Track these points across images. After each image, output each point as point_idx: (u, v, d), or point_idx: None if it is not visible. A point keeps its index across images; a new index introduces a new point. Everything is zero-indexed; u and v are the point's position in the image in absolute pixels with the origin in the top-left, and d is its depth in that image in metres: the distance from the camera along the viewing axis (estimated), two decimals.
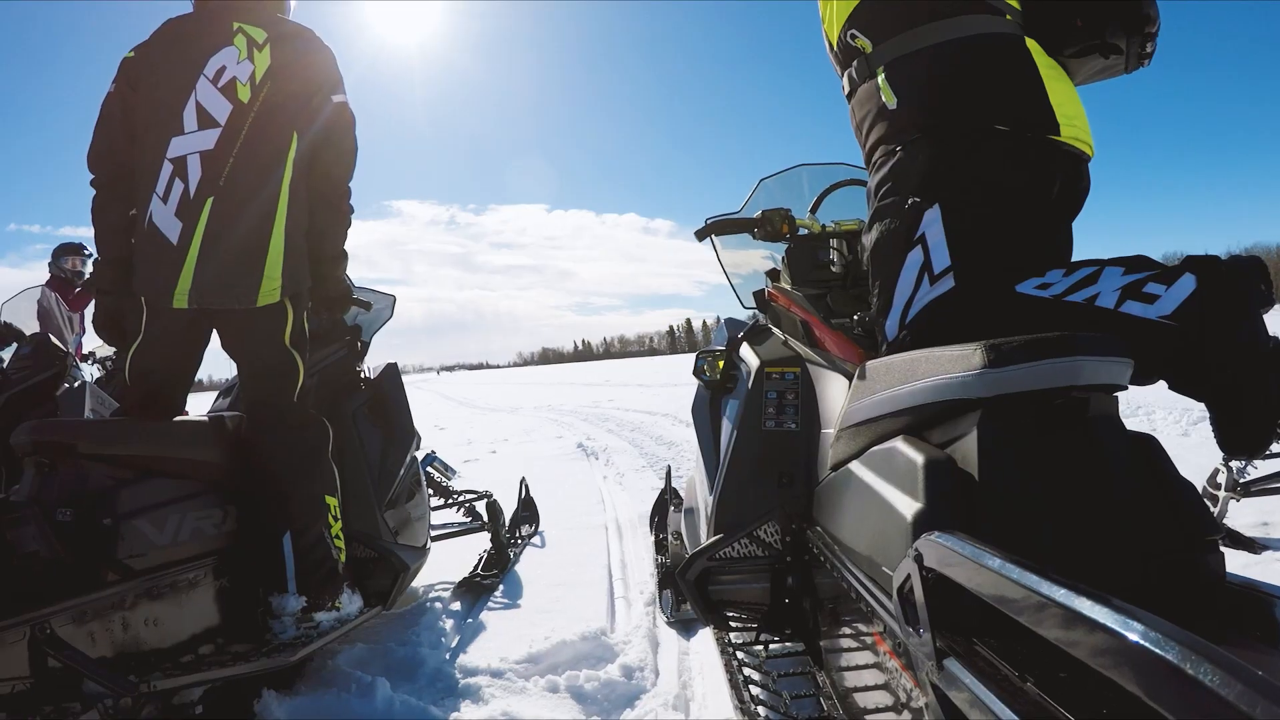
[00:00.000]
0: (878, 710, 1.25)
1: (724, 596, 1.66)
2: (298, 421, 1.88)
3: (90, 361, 5.96)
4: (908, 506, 0.91)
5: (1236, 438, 1.06)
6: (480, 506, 3.06)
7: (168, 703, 1.46)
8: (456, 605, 2.51)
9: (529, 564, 3.00)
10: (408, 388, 2.53)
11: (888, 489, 1.00)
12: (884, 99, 1.26)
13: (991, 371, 0.88)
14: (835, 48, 1.40)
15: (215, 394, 2.36)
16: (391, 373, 2.47)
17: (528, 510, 3.49)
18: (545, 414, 11.22)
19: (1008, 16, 1.25)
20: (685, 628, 2.19)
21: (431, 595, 2.64)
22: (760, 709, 1.48)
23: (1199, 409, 5.84)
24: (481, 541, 3.03)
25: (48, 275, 5.72)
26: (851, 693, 1.35)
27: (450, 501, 3.08)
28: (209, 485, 1.73)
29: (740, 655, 1.69)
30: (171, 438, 1.73)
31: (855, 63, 1.34)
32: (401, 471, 2.34)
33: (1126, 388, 0.91)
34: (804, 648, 1.60)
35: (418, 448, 2.53)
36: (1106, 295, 1.10)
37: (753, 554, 1.61)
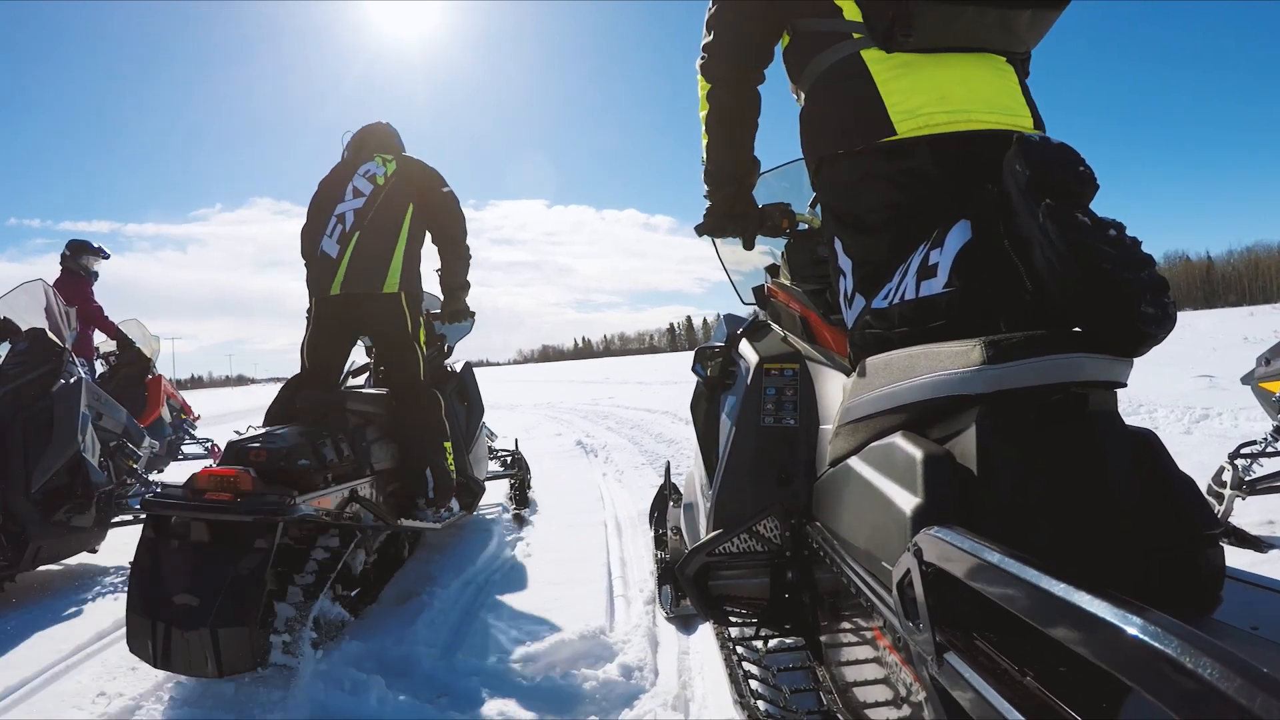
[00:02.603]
0: (877, 704, 1.25)
1: (723, 592, 1.66)
2: (424, 394, 2.95)
3: (96, 356, 6.00)
4: (907, 502, 0.91)
5: (1111, 329, 0.86)
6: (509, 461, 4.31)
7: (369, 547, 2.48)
8: (455, 602, 2.51)
9: (527, 561, 3.00)
10: None
11: (887, 484, 1.00)
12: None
13: (991, 367, 0.88)
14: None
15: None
16: (468, 368, 3.69)
17: (524, 471, 4.47)
18: (544, 411, 11.17)
19: (854, 35, 1.24)
20: (684, 624, 2.19)
21: (434, 585, 2.64)
22: (760, 703, 1.48)
23: (1200, 407, 5.66)
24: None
25: (59, 270, 5.72)
26: (851, 687, 1.35)
27: (491, 455, 4.23)
28: (389, 431, 2.86)
29: (740, 650, 1.70)
30: (374, 402, 2.85)
31: None
32: (477, 432, 3.61)
33: (1126, 385, 0.91)
34: (804, 643, 1.60)
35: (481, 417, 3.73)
36: (910, 284, 1.08)
37: (752, 549, 1.61)
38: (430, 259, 3.14)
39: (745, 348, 1.80)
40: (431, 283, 3.23)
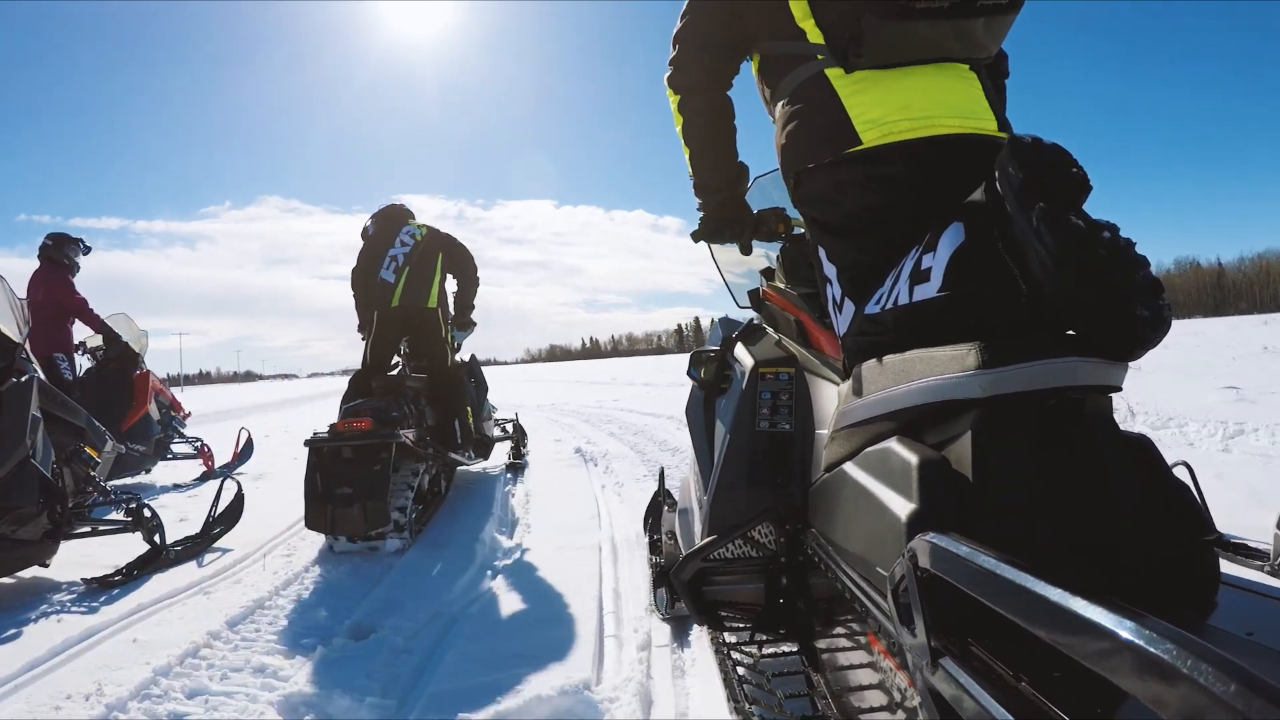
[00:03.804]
0: (871, 710, 1.25)
1: (718, 597, 1.66)
2: (451, 373, 4.60)
3: (81, 352, 5.94)
4: (902, 507, 0.91)
5: (1110, 332, 0.85)
6: (509, 428, 6.00)
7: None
8: (418, 640, 2.27)
9: (508, 591, 2.71)
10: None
11: (882, 489, 1.00)
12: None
13: (986, 372, 0.87)
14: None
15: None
16: (474, 358, 5.40)
17: (520, 435, 6.11)
18: (546, 414, 10.88)
19: (818, 56, 1.30)
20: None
21: (399, 616, 2.47)
22: (754, 709, 1.47)
23: (1233, 421, 4.99)
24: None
25: (39, 263, 5.62)
26: (845, 692, 1.35)
27: (495, 424, 5.70)
28: (431, 401, 4.33)
29: (734, 655, 1.69)
30: (421, 383, 4.31)
31: None
32: (484, 404, 5.23)
33: (1121, 389, 0.91)
34: (798, 648, 1.60)
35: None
36: (903, 289, 1.09)
37: (747, 554, 1.61)
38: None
39: (740, 351, 1.80)
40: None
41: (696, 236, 1.70)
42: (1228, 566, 0.87)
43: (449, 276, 4.72)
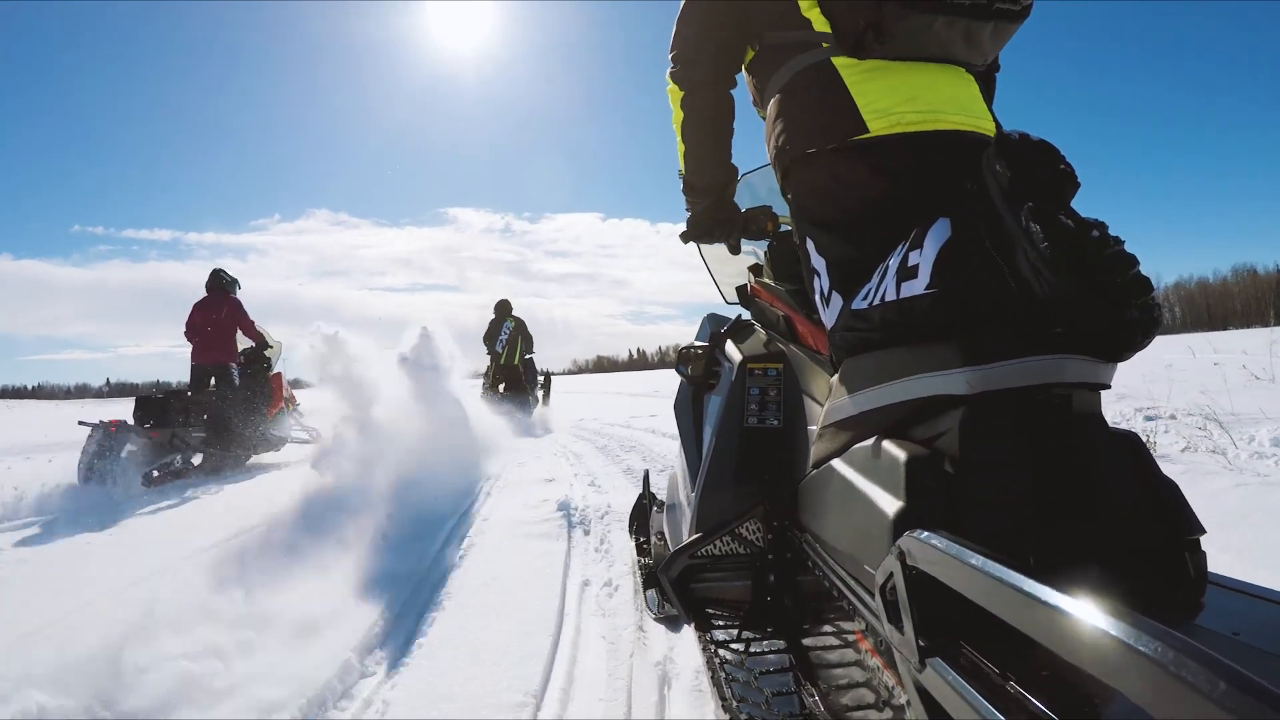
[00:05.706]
0: (858, 708, 1.25)
1: (706, 594, 1.65)
2: (522, 383, 12.00)
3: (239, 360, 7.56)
4: (890, 504, 0.91)
5: (1103, 332, 0.84)
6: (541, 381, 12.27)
7: None
8: None
9: None
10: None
11: (870, 487, 0.99)
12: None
13: (974, 369, 0.87)
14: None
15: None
16: (530, 361, 12.03)
17: (548, 385, 12.45)
18: (561, 435, 8.93)
19: (824, 45, 1.27)
20: (671, 625, 2.10)
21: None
22: (742, 707, 1.47)
23: None
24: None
25: (220, 289, 7.44)
26: (833, 691, 1.35)
27: (539, 386, 12.35)
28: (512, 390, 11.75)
29: (722, 653, 1.69)
30: (513, 382, 12.03)
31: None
32: (536, 381, 12.21)
33: (1110, 386, 0.91)
34: (786, 646, 1.59)
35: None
36: (890, 286, 1.08)
37: (735, 552, 1.60)
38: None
39: (729, 348, 1.79)
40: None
41: (686, 237, 1.68)
42: (1214, 565, 0.87)
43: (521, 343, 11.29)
